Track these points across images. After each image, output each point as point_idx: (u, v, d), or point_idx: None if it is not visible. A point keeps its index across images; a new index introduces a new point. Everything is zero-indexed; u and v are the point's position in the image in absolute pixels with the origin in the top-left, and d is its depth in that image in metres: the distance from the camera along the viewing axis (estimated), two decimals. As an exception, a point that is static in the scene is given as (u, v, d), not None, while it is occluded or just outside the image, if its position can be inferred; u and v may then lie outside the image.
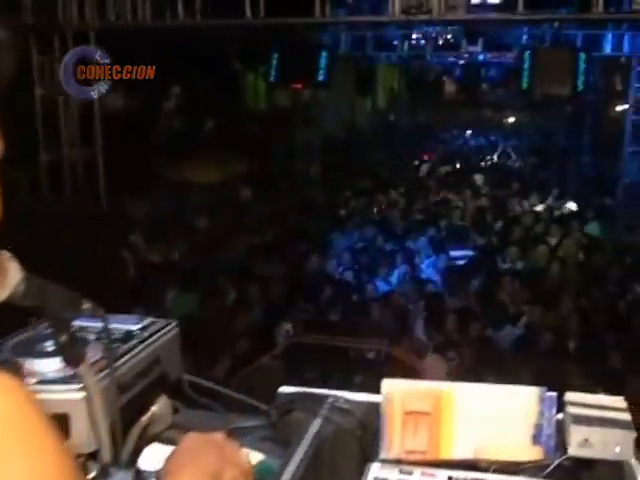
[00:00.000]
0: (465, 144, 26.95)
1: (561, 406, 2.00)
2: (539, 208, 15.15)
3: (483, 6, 7.88)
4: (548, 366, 7.30)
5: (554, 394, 1.98)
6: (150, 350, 2.04)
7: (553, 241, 12.15)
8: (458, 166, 21.82)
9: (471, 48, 15.93)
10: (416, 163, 22.46)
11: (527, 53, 9.40)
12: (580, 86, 9.29)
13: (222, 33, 12.05)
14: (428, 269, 11.18)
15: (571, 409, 1.95)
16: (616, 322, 8.71)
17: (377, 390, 2.01)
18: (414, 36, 15.88)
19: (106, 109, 9.75)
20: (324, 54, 9.93)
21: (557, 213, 14.60)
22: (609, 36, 13.40)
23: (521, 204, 15.61)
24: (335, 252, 11.62)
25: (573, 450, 1.86)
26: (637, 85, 13.48)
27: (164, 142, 15.94)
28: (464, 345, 7.97)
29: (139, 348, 2.02)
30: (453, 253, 11.76)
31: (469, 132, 31.94)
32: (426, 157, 23.34)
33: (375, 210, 14.87)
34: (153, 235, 11.35)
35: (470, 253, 11.89)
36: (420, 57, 18.47)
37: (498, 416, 1.98)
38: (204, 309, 8.76)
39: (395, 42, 15.64)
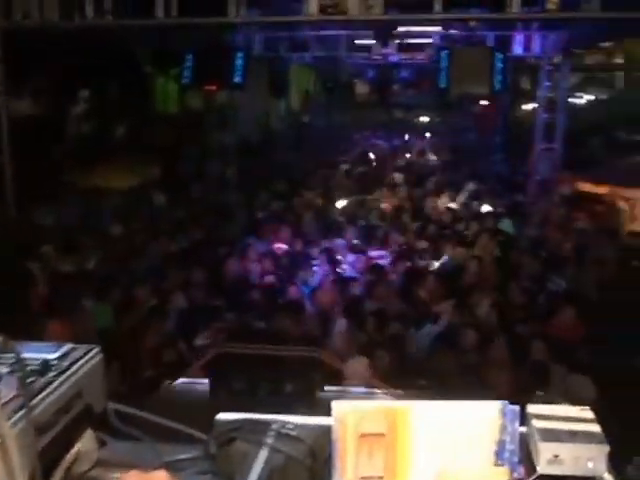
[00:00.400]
0: (380, 144, 27.05)
1: (523, 419, 1.87)
2: (454, 206, 15.29)
3: (400, 6, 7.83)
4: (471, 361, 7.33)
5: (516, 407, 1.85)
6: (72, 382, 1.80)
7: (469, 239, 12.29)
8: (374, 166, 21.84)
9: (384, 49, 15.97)
10: (332, 164, 22.38)
11: (444, 53, 9.41)
12: (497, 85, 9.37)
13: (133, 34, 11.69)
14: (348, 270, 11.11)
15: (536, 423, 1.83)
16: (535, 315, 8.81)
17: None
18: (328, 37, 15.79)
19: (13, 115, 9.28)
20: (239, 55, 9.68)
21: (472, 211, 14.76)
22: (519, 37, 13.66)
23: (436, 203, 15.72)
24: (254, 256, 11.37)
25: (543, 468, 1.73)
26: (547, 84, 13.81)
27: (74, 147, 15.37)
28: (386, 345, 7.93)
29: (59, 380, 1.77)
30: (372, 253, 11.72)
31: (384, 132, 32.13)
32: (342, 158, 23.28)
33: (293, 212, 14.68)
34: (64, 244, 10.87)
35: (386, 253, 11.86)
36: (334, 58, 18.45)
37: (458, 434, 1.83)
38: (121, 320, 8.42)
39: (309, 43, 15.52)
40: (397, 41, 15.22)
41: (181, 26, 7.94)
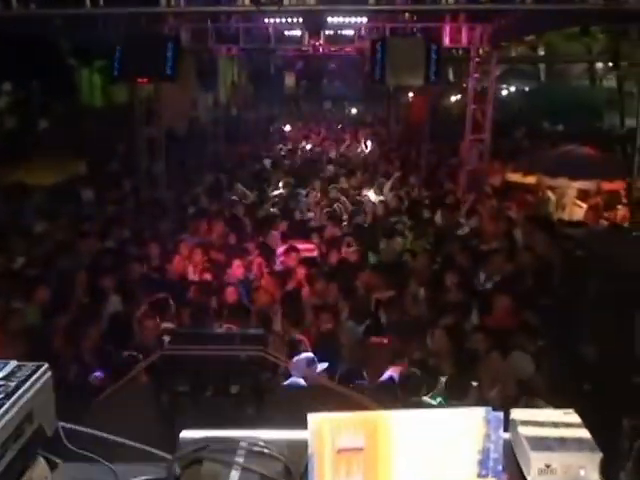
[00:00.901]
0: (310, 136, 26.98)
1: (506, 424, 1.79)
2: (383, 197, 15.27)
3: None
4: (412, 350, 7.31)
5: (500, 414, 1.76)
6: (21, 404, 1.61)
7: (403, 231, 12.30)
8: (306, 158, 21.72)
9: (314, 41, 15.88)
10: (261, 157, 22.18)
11: (379, 44, 9.34)
12: (432, 76, 9.37)
13: (57, 25, 11.27)
14: (282, 264, 10.96)
15: (523, 430, 1.74)
16: (468, 306, 8.85)
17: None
18: (258, 28, 15.61)
19: None
20: (170, 46, 9.37)
21: (405, 203, 14.78)
22: (447, 28, 13.75)
23: (364, 195, 15.70)
24: (186, 253, 11.08)
25: (534, 478, 1.65)
26: (475, 75, 13.95)
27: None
28: (325, 340, 7.87)
29: (7, 404, 1.58)
30: (301, 246, 11.57)
31: (314, 124, 32.09)
32: (270, 152, 23.08)
33: (224, 206, 14.44)
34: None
35: (312, 246, 11.74)
36: (262, 50, 18.26)
37: (440, 445, 1.73)
38: (51, 321, 8.08)
39: (238, 34, 15.27)
40: (327, 32, 15.14)
41: (108, 16, 7.63)
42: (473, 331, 7.68)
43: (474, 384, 6.38)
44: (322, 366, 6.43)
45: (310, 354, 6.57)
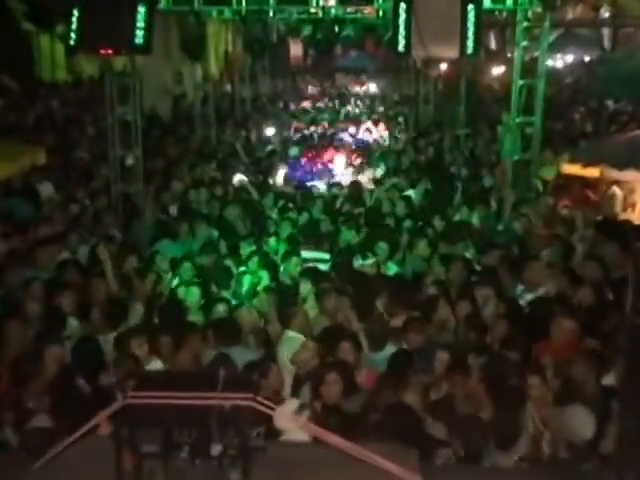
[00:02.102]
0: (320, 118, 26.76)
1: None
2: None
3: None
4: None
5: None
6: None
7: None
8: (313, 145, 21.52)
9: (323, 1, 15.71)
10: (265, 142, 22.05)
11: (402, 6, 9.03)
12: (470, 47, 9.08)
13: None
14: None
15: None
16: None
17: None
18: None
19: None
20: (141, 10, 9.11)
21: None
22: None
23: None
24: (170, 263, 10.91)
25: None
26: (523, 43, 13.68)
27: None
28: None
29: None
30: (307, 254, 11.42)
31: (324, 103, 31.95)
32: (275, 135, 22.91)
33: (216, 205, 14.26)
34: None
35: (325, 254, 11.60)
36: (260, 13, 18.06)
37: None
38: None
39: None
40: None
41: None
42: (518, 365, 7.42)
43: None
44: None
45: (295, 400, 6.28)
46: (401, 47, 9.34)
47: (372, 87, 37.41)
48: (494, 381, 6.82)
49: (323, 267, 10.92)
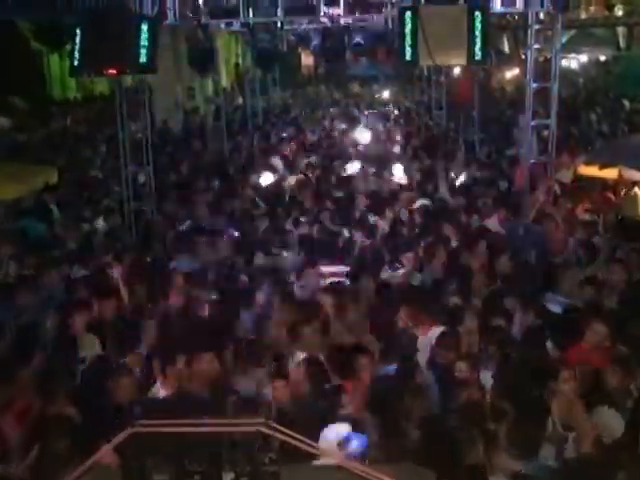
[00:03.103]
0: (333, 127, 26.64)
1: None
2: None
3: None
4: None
5: None
6: None
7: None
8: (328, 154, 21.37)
9: (331, 10, 15.57)
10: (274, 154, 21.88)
11: (408, 14, 8.91)
12: (477, 54, 8.95)
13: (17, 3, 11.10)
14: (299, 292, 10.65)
15: None
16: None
17: None
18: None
19: None
20: (144, 27, 8.99)
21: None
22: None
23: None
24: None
25: None
26: (535, 45, 13.51)
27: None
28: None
29: None
30: (326, 269, 11.26)
31: (337, 112, 31.85)
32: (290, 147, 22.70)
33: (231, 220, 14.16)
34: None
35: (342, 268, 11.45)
36: (269, 24, 18.02)
37: None
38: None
39: (238, 6, 15.02)
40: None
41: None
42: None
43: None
44: (359, 442, 5.96)
45: (344, 429, 6.08)
46: (408, 56, 9.22)
47: (385, 94, 37.38)
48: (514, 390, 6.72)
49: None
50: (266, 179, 17.27)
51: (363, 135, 22.56)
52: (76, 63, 9.52)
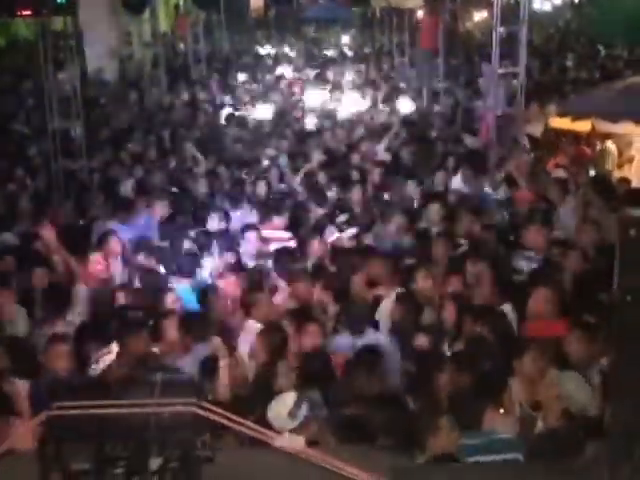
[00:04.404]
0: (290, 77, 26.28)
1: None
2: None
3: None
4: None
5: None
6: None
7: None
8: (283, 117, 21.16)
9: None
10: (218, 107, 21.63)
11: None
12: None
13: None
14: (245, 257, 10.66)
15: None
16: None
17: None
18: None
19: None
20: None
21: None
22: None
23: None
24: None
25: None
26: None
27: None
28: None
29: None
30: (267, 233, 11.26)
31: (291, 59, 31.57)
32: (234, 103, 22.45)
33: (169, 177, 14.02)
34: None
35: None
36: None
37: None
38: None
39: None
40: None
41: None
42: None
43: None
44: (304, 409, 6.02)
45: (291, 397, 6.14)
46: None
47: (344, 39, 37.17)
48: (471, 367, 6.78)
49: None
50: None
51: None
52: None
